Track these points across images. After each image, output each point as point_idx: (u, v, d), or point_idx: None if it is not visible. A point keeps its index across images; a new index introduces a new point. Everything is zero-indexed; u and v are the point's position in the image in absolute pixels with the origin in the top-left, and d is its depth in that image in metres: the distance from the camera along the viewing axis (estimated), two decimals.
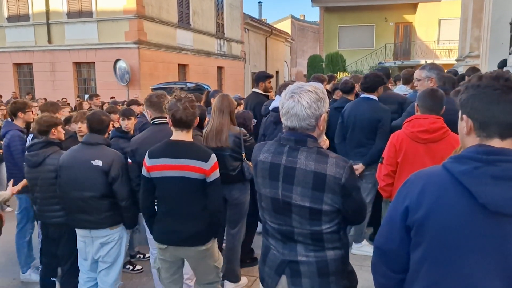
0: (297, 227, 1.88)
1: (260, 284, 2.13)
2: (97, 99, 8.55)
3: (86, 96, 16.24)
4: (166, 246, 2.76)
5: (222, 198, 2.82)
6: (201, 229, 2.71)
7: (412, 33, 24.19)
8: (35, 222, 4.28)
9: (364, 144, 4.29)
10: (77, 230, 3.23)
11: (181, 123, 2.66)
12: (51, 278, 3.66)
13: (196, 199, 2.69)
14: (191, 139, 2.77)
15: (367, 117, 4.25)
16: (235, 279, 3.80)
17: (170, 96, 2.79)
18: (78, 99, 15.46)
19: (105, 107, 7.00)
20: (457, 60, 15.89)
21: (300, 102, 1.82)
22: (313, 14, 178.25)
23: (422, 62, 19.02)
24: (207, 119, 3.90)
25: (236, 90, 21.30)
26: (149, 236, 3.19)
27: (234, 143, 3.49)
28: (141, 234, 4.60)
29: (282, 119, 1.92)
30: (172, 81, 15.96)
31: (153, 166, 2.67)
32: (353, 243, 4.49)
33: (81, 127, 3.89)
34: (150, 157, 2.70)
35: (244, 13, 26.42)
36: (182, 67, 19.89)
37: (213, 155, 2.70)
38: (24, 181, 3.50)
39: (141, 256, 4.77)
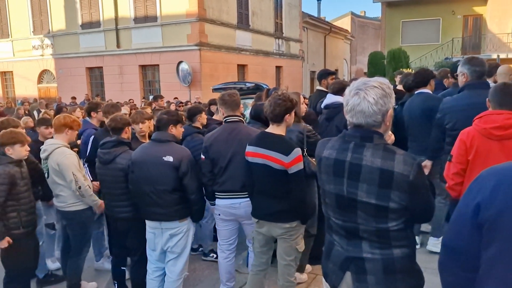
0: (362, 224, 1.87)
1: (323, 280, 2.14)
2: (161, 100, 8.92)
3: (151, 97, 17.05)
4: (257, 220, 3.10)
5: (304, 189, 2.98)
6: (285, 208, 2.94)
7: (483, 25, 22.67)
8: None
9: (420, 138, 4.21)
10: (147, 222, 3.42)
11: (271, 118, 2.97)
12: (122, 267, 3.91)
13: (279, 184, 2.93)
14: (282, 133, 2.98)
15: (419, 108, 4.26)
16: (300, 269, 3.83)
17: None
18: (143, 100, 16.26)
19: (171, 107, 7.28)
20: None
21: (366, 98, 1.80)
22: (374, 10, 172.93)
23: (494, 56, 17.76)
24: None
25: (294, 89, 21.23)
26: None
27: (297, 138, 3.53)
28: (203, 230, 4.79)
29: (347, 116, 1.91)
30: (232, 81, 16.25)
31: (249, 152, 3.06)
32: (430, 238, 4.35)
33: (142, 127, 4.05)
34: (249, 144, 3.09)
35: (302, 11, 26.29)
36: (241, 68, 20.21)
37: (296, 150, 2.89)
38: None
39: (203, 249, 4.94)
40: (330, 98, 4.33)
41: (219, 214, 3.55)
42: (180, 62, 17.10)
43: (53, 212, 4.28)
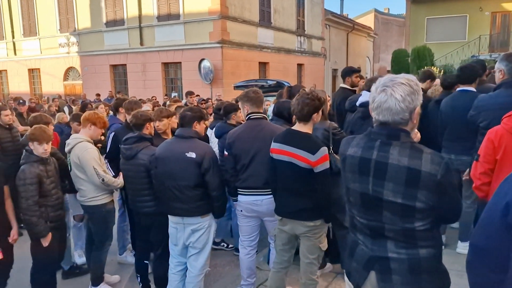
0: (388, 223, 1.84)
1: (346, 279, 2.12)
2: (192, 97, 8.96)
3: (173, 94, 17.23)
4: (281, 217, 3.09)
5: (329, 188, 2.96)
6: (309, 206, 2.93)
7: None
8: None
9: (465, 137, 4.05)
10: (170, 217, 3.45)
11: (299, 117, 2.95)
12: (145, 261, 3.96)
13: (304, 182, 2.92)
14: (309, 131, 2.98)
15: (465, 108, 4.04)
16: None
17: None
18: (165, 97, 16.45)
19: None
20: None
21: (393, 95, 1.77)
22: (399, 7, 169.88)
23: None
24: None
25: (316, 87, 21.11)
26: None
27: (323, 135, 3.52)
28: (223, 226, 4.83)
29: (373, 114, 1.88)
30: (253, 78, 16.27)
31: (274, 149, 3.05)
32: (459, 242, 4.27)
33: (158, 125, 4.06)
34: (274, 141, 3.07)
35: (325, 9, 26.08)
36: (263, 65, 20.21)
37: (323, 149, 2.88)
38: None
39: (225, 245, 4.98)
40: (366, 96, 4.26)
41: (241, 210, 3.56)
42: (202, 60, 17.22)
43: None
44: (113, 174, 4.13)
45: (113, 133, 4.48)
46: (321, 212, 2.97)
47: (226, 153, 3.51)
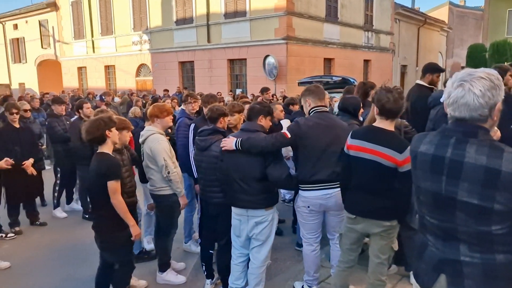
0: (461, 225, 1.74)
1: (413, 280, 2.05)
2: (267, 93, 9.08)
3: (238, 91, 17.53)
4: (354, 216, 2.99)
5: (411, 189, 2.81)
6: (387, 205, 2.85)
7: None
8: (196, 199, 4.82)
9: None
10: (233, 208, 3.54)
11: (389, 113, 2.81)
12: (210, 251, 4.10)
13: (385, 181, 2.83)
14: (393, 129, 2.89)
15: None
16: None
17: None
18: (230, 93, 16.79)
19: (259, 100, 7.36)
20: None
21: (472, 90, 1.68)
22: None
23: None
24: (361, 110, 3.92)
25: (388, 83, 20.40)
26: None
27: None
28: None
29: (448, 109, 1.80)
30: (318, 75, 16.09)
31: (352, 145, 2.94)
32: None
33: (230, 119, 4.15)
34: (351, 137, 2.97)
35: (395, 2, 25.09)
36: (328, 61, 19.91)
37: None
38: None
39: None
40: None
41: (308, 207, 3.52)
42: (266, 56, 17.34)
43: None
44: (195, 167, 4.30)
45: (193, 125, 4.63)
46: (398, 212, 2.88)
47: (289, 134, 3.34)
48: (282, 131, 3.43)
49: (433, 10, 35.55)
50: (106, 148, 3.42)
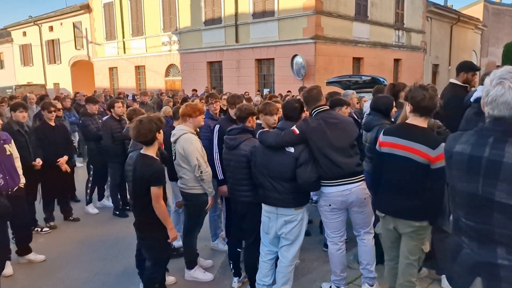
0: (499, 227, 1.68)
1: (446, 283, 2.00)
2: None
3: (266, 91, 17.54)
4: (384, 215, 2.99)
5: (443, 188, 2.80)
6: (417, 205, 2.79)
7: None
8: (220, 199, 4.86)
9: None
10: (263, 205, 3.55)
11: (424, 110, 2.80)
12: (237, 249, 4.11)
13: (418, 179, 2.78)
14: (426, 125, 2.85)
15: None
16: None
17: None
18: (258, 92, 16.81)
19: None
20: None
21: None
22: None
23: None
24: (394, 109, 3.90)
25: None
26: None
27: None
28: None
29: (486, 108, 1.75)
30: (346, 74, 15.89)
31: (384, 142, 2.94)
32: None
33: (276, 119, 4.16)
34: (384, 134, 2.97)
35: (427, 0, 24.47)
36: (357, 61, 19.64)
37: (443, 144, 2.71)
38: None
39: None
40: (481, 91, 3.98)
41: (330, 205, 3.51)
42: (294, 56, 17.26)
43: None
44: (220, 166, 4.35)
45: (218, 126, 4.66)
46: (429, 212, 2.82)
47: (297, 131, 3.36)
48: (291, 128, 3.43)
49: (467, 8, 34.51)
50: (152, 150, 3.47)
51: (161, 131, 3.49)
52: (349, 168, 3.39)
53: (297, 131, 3.34)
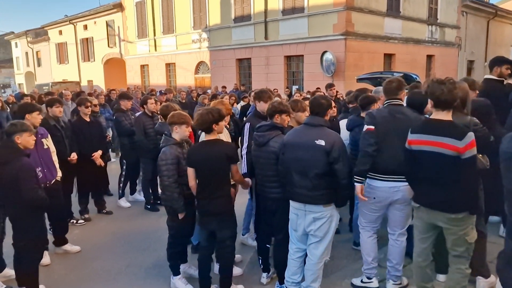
0: None
1: (481, 285, 1.94)
2: (331, 89, 9.04)
3: (294, 88, 17.45)
4: (418, 205, 3.07)
5: (477, 177, 2.85)
6: (452, 197, 2.81)
7: None
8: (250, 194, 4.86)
9: None
10: (291, 202, 3.54)
11: (445, 104, 2.85)
12: (267, 245, 4.12)
13: (450, 171, 2.81)
14: (450, 119, 2.88)
15: None
16: (485, 273, 3.53)
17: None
18: (287, 89, 16.75)
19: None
20: None
21: None
22: None
23: None
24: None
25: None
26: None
27: None
28: None
29: None
30: (378, 71, 15.61)
31: (412, 140, 3.01)
32: None
33: (302, 116, 4.12)
34: (411, 132, 3.03)
35: None
36: (388, 57, 19.25)
37: (470, 134, 2.76)
38: None
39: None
40: None
41: (374, 198, 3.50)
42: (324, 52, 17.08)
43: None
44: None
45: (248, 124, 4.65)
46: (466, 203, 2.80)
47: (372, 127, 3.44)
48: (365, 128, 3.50)
49: (506, 1, 33.15)
50: (213, 136, 3.69)
51: (220, 123, 3.67)
52: (402, 165, 3.31)
53: (371, 127, 3.43)
